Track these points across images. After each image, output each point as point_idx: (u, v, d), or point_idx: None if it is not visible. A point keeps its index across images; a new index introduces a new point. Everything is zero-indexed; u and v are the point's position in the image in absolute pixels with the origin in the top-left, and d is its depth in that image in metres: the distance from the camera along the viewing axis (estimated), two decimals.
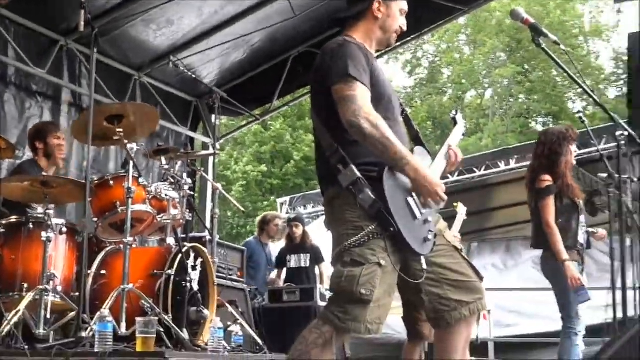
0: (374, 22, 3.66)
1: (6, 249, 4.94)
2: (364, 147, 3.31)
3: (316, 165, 3.64)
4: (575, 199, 6.11)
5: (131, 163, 5.11)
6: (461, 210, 7.38)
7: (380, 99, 3.47)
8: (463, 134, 4.10)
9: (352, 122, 3.24)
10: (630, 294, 5.44)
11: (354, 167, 3.26)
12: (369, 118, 3.24)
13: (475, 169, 14.86)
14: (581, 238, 6.15)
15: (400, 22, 3.71)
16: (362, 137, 3.26)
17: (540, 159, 6.25)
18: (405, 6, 3.74)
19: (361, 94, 3.30)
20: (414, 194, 3.38)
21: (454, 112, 4.30)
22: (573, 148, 6.16)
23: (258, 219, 10.16)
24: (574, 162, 6.27)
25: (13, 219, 5.04)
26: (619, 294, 5.43)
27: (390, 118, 3.48)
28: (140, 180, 5.37)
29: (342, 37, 3.59)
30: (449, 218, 7.22)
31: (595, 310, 8.78)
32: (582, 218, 6.20)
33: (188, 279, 5.07)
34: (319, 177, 3.60)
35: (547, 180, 6.04)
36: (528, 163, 12.97)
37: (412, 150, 3.52)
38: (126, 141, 5.10)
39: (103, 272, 5.08)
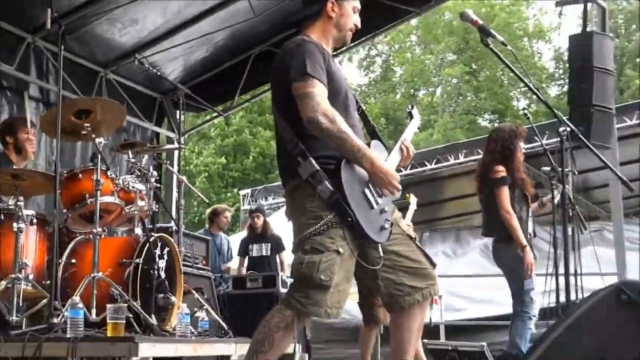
0: (328, 21, 3.70)
1: None
2: (323, 140, 3.36)
3: (277, 159, 3.66)
4: (526, 192, 6.23)
5: (99, 156, 5.08)
6: (413, 200, 7.54)
7: (336, 95, 3.52)
8: (418, 127, 4.13)
9: (310, 117, 3.30)
10: (572, 279, 5.54)
11: (312, 160, 3.33)
12: (326, 114, 3.29)
13: (426, 163, 15.15)
14: (530, 228, 6.28)
15: (354, 20, 3.75)
16: (320, 132, 3.32)
17: (493, 154, 6.33)
18: (358, 4, 3.78)
19: (319, 91, 3.35)
20: (370, 185, 3.45)
21: (410, 106, 4.37)
22: (522, 144, 6.28)
23: (208, 211, 10.18)
24: (522, 158, 6.40)
25: None
26: (561, 279, 5.53)
27: (347, 114, 3.54)
28: (108, 172, 5.34)
29: (301, 37, 3.63)
30: (402, 209, 7.37)
31: (536, 295, 8.95)
32: (531, 209, 6.32)
33: (155, 267, 5.08)
34: (280, 169, 3.64)
35: (502, 170, 6.14)
36: (476, 157, 13.17)
37: (368, 144, 3.57)
38: (94, 135, 5.07)
39: (73, 261, 5.04)
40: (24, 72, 8.33)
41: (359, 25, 3.80)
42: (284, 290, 7.20)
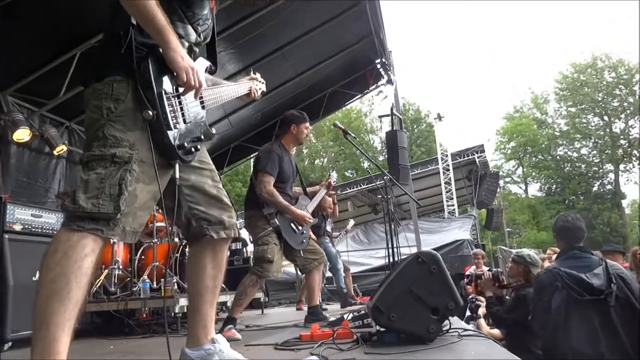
0: (292, 135, 3.75)
1: None
2: None
3: (246, 197, 3.66)
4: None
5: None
6: (350, 223, 7.70)
7: (283, 179, 3.58)
8: (334, 180, 4.17)
9: (261, 194, 3.43)
10: (395, 250, 5.61)
11: (270, 207, 3.45)
12: (269, 192, 3.42)
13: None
14: (329, 228, 6.59)
15: (305, 133, 3.79)
16: (266, 201, 3.43)
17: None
18: (308, 124, 3.81)
19: (268, 180, 3.45)
20: (294, 221, 3.58)
21: (330, 170, 4.58)
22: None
23: None
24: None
25: None
26: (391, 249, 5.61)
27: (286, 185, 3.61)
28: (160, 211, 5.19)
29: (275, 144, 3.68)
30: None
31: (376, 259, 8.94)
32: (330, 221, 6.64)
33: (186, 258, 4.92)
34: (247, 204, 3.64)
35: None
36: (346, 191, 13.21)
37: (297, 199, 3.69)
38: None
39: (143, 257, 4.86)
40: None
41: (309, 135, 3.89)
42: (251, 264, 7.08)
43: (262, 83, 2.25)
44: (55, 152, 5.69)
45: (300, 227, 3.59)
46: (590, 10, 58.75)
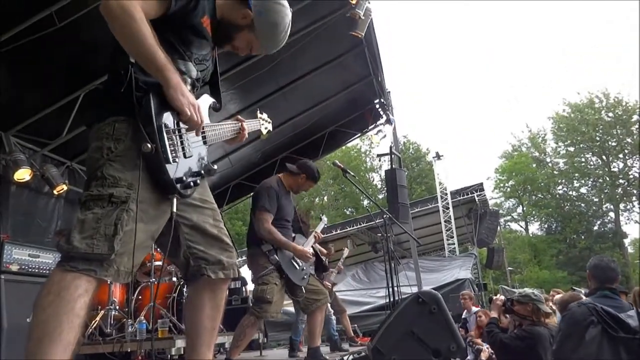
0: (296, 181, 3.76)
1: None
2: None
3: (247, 236, 3.65)
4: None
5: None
6: (346, 251, 7.40)
7: (283, 215, 3.58)
8: (325, 224, 4.13)
9: (259, 231, 3.43)
10: (395, 289, 5.55)
11: (269, 244, 3.42)
12: (268, 230, 3.41)
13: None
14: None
15: (306, 189, 3.84)
16: (265, 237, 3.41)
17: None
18: (314, 184, 3.84)
19: (266, 217, 3.44)
20: (294, 258, 3.54)
21: (321, 215, 4.56)
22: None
23: None
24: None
25: None
26: (391, 289, 5.54)
27: (284, 225, 3.59)
28: (159, 249, 5.14)
29: (274, 181, 3.67)
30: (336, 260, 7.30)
31: (377, 298, 8.79)
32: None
33: (183, 298, 4.83)
34: (248, 242, 3.62)
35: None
36: (345, 230, 13.13)
37: (294, 237, 3.65)
38: None
39: (140, 297, 4.78)
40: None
41: (309, 189, 3.87)
42: (251, 305, 6.94)
43: (269, 122, 2.30)
44: (55, 192, 5.69)
45: (300, 263, 3.55)
46: (588, 11, 59.67)
